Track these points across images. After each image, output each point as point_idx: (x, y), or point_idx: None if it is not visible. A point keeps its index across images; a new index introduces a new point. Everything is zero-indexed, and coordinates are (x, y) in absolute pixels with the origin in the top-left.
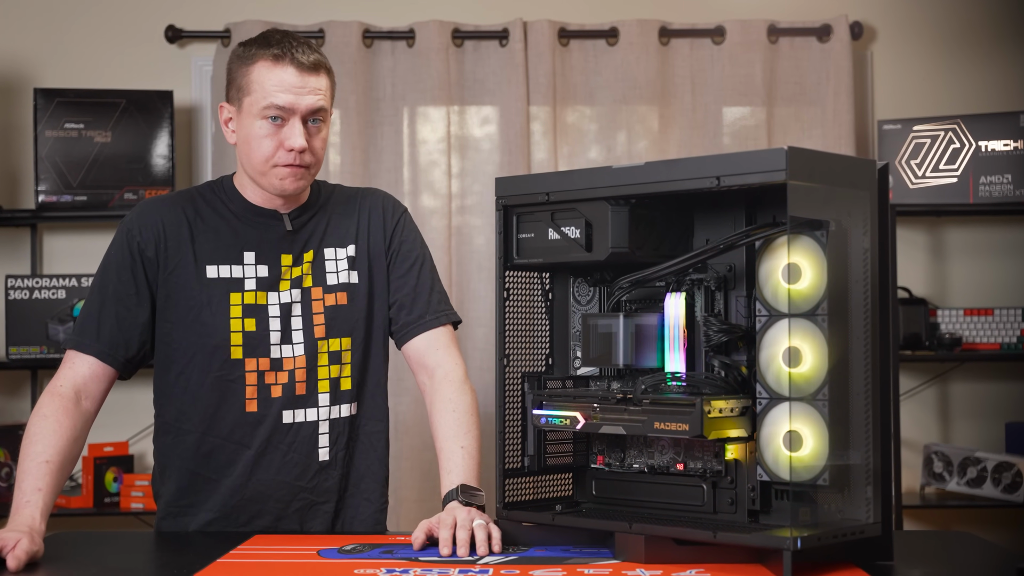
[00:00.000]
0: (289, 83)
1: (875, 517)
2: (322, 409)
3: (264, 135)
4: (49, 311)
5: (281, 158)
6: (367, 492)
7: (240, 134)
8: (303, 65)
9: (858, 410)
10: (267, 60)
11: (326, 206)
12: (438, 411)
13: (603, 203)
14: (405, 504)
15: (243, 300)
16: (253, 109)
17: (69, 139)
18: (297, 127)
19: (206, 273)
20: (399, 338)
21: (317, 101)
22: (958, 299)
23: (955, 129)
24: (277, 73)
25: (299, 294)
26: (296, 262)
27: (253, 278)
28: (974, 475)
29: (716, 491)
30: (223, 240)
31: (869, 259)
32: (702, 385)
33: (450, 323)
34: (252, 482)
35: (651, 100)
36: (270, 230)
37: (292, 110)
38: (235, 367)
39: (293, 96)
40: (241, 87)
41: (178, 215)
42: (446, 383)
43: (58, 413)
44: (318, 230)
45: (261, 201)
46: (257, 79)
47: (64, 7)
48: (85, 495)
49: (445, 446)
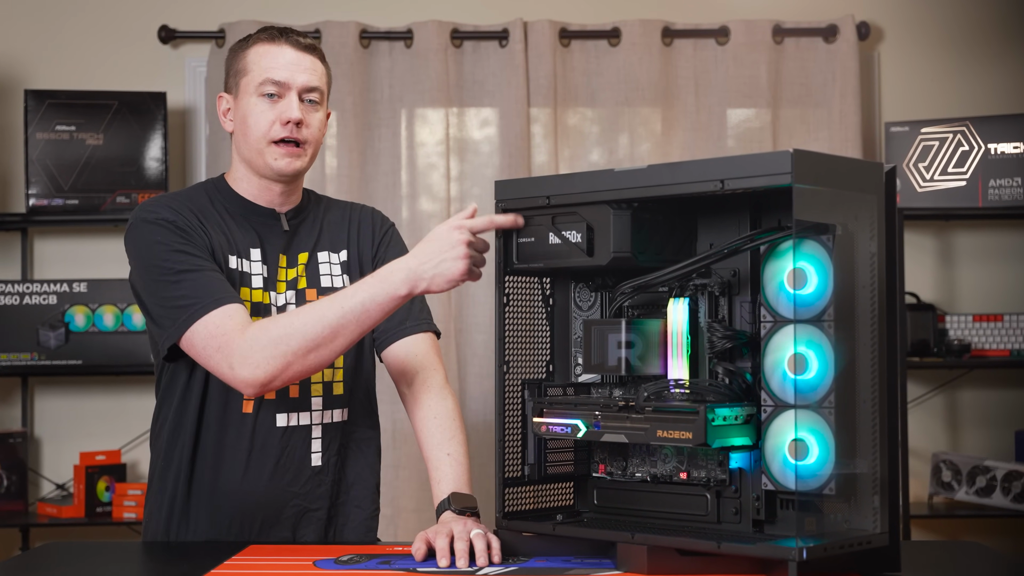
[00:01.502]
0: (286, 59)
1: (882, 527)
2: (315, 413)
3: (261, 111)
4: (40, 317)
5: (277, 132)
6: (358, 499)
7: (237, 116)
8: (299, 44)
9: (865, 418)
10: (264, 41)
11: (318, 212)
12: (420, 419)
13: (605, 207)
14: (403, 514)
15: (251, 297)
16: (250, 87)
17: (60, 141)
18: (294, 100)
19: (228, 263)
20: (379, 344)
21: (313, 79)
22: (967, 305)
23: (964, 131)
24: (273, 51)
25: (294, 296)
26: (291, 264)
27: (260, 275)
28: (983, 484)
29: (720, 500)
30: (233, 235)
31: (876, 264)
32: (706, 392)
33: (431, 331)
34: (245, 485)
35: (654, 102)
36: (269, 229)
37: (288, 85)
38: None
39: (289, 72)
40: (238, 70)
41: (186, 209)
42: (424, 390)
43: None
44: (312, 234)
45: (258, 197)
46: (254, 59)
47: (55, 7)
48: (77, 504)
49: (432, 455)
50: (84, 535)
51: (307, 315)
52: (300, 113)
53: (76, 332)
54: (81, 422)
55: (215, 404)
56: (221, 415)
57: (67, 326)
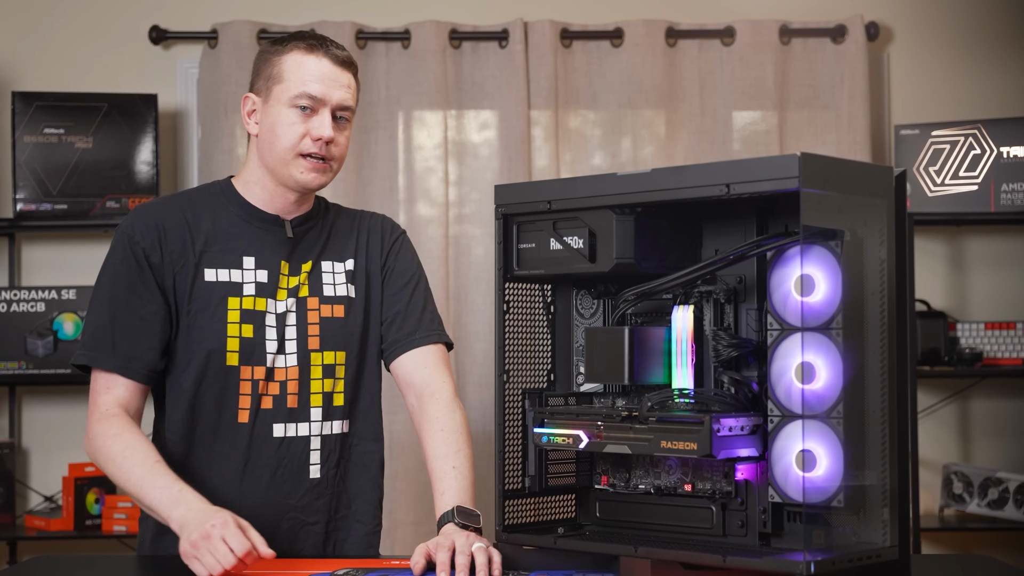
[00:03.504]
0: (323, 73)
1: (892, 540)
2: (314, 424)
3: (292, 123)
4: (28, 325)
5: (306, 146)
6: (359, 514)
7: (264, 123)
8: (337, 58)
9: (874, 428)
10: (302, 49)
11: (327, 220)
12: (426, 432)
13: (607, 212)
14: (400, 527)
15: (241, 305)
16: (283, 97)
17: (49, 145)
18: (327, 118)
19: (205, 276)
20: (387, 355)
21: (347, 97)
22: (979, 312)
23: (975, 134)
24: (312, 62)
25: (294, 303)
26: (293, 271)
27: (252, 283)
28: (995, 496)
29: (726, 513)
30: (223, 243)
31: (886, 270)
32: (711, 402)
33: (441, 343)
34: (239, 498)
35: (657, 104)
36: (271, 235)
37: (324, 101)
38: (230, 374)
39: (326, 87)
40: (271, 76)
41: (177, 217)
42: (433, 403)
43: (128, 427)
44: (318, 242)
45: (265, 204)
46: (291, 67)
47: (43, 7)
48: (65, 517)
49: (437, 467)
50: (73, 548)
51: (122, 458)
52: (332, 131)
53: (65, 340)
54: (70, 433)
55: (208, 414)
56: (215, 425)
57: (55, 334)
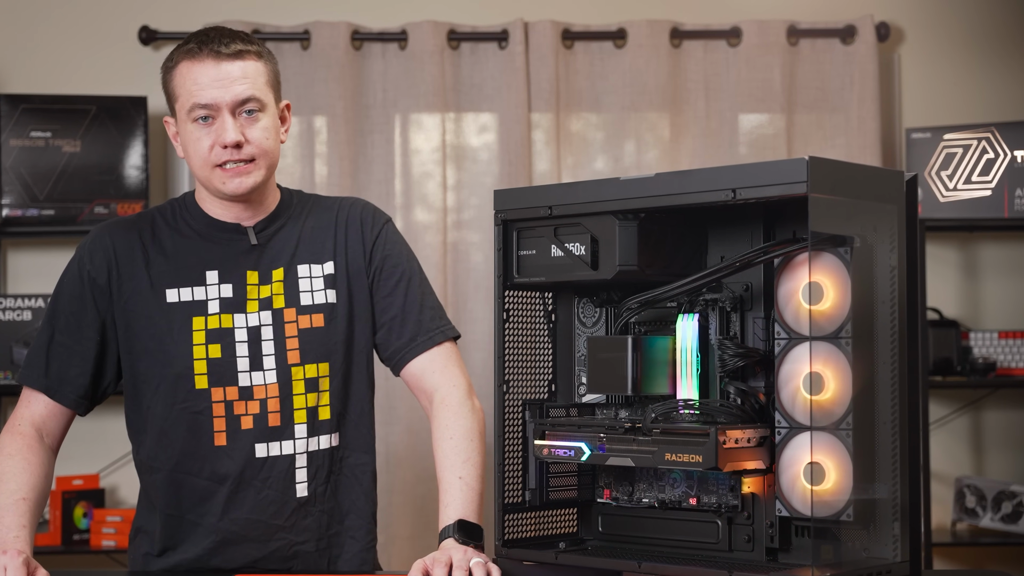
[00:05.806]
0: (209, 78)
1: (903, 555)
2: (299, 441)
3: (197, 137)
4: (14, 333)
5: (217, 156)
6: (353, 529)
7: (181, 143)
8: (221, 55)
9: (884, 440)
10: (186, 60)
11: (298, 217)
12: (436, 439)
13: (610, 217)
14: (397, 542)
15: (207, 324)
16: (182, 113)
17: (35, 148)
18: (228, 121)
19: (166, 298)
20: (393, 365)
21: (244, 91)
22: (992, 321)
23: (989, 138)
24: (195, 70)
25: (269, 316)
26: (264, 280)
27: (217, 299)
28: (1009, 510)
29: (732, 527)
30: (183, 261)
31: (896, 278)
32: (716, 413)
33: (447, 340)
34: (225, 522)
35: (662, 106)
36: (233, 245)
37: (216, 106)
38: (200, 397)
39: (215, 90)
40: (170, 95)
41: (132, 239)
42: (443, 408)
43: (24, 451)
44: (288, 245)
45: (223, 214)
46: (180, 82)
47: (30, 6)
48: (53, 532)
49: (443, 477)
50: (61, 564)
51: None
52: (236, 133)
53: None
54: None
55: (183, 440)
56: (191, 450)
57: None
